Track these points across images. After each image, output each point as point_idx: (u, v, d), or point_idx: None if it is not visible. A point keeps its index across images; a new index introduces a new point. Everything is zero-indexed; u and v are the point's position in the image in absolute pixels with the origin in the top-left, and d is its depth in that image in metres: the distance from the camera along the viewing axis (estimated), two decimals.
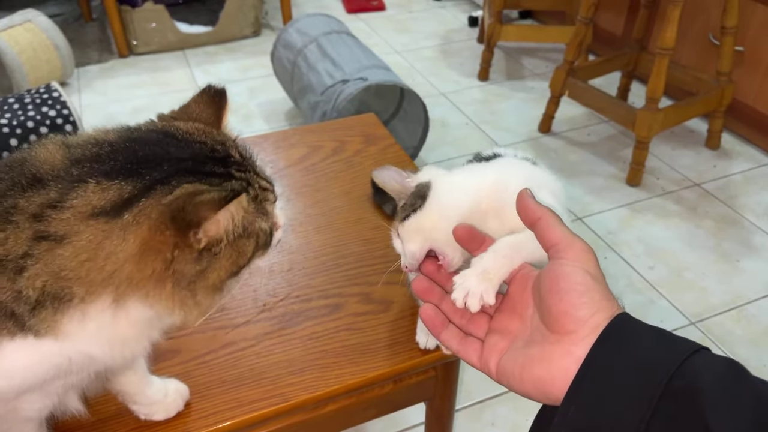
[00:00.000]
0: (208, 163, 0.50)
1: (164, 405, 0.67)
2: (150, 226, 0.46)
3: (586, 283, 0.44)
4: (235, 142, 0.56)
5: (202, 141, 0.52)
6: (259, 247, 0.53)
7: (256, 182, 0.53)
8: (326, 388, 0.71)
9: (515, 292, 0.51)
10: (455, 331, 0.53)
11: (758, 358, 1.53)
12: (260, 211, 0.53)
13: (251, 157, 0.56)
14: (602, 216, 1.98)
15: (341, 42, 2.22)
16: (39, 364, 0.50)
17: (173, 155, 0.49)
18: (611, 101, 2.16)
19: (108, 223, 0.46)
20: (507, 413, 1.40)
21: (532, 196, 0.49)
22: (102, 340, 0.50)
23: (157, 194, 0.47)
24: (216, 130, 0.55)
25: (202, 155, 0.51)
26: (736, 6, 1.98)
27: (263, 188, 0.54)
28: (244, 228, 0.50)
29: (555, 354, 0.44)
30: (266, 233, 0.54)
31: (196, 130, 0.54)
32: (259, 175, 0.55)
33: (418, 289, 0.56)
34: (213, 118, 0.57)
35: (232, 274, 0.51)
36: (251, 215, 0.51)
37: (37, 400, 0.55)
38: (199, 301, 0.50)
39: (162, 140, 0.51)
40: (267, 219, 0.54)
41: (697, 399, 0.38)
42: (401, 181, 0.63)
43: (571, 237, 0.47)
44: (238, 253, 0.51)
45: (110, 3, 2.75)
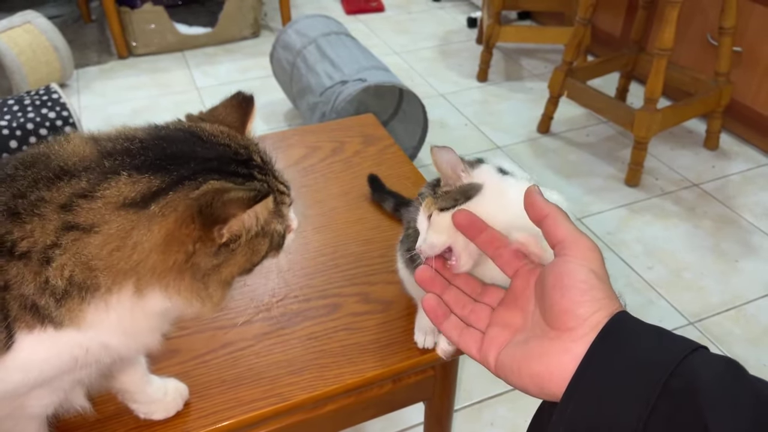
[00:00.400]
0: (232, 164, 0.52)
1: (164, 404, 0.67)
2: (176, 218, 0.47)
3: (590, 281, 0.44)
4: (257, 146, 0.58)
5: (226, 143, 0.54)
6: (272, 247, 0.55)
7: (275, 185, 0.55)
8: (325, 388, 0.71)
9: (518, 286, 0.51)
10: (456, 321, 0.53)
11: (757, 358, 1.53)
12: (277, 213, 0.55)
13: (271, 161, 0.58)
14: (601, 216, 1.98)
15: (340, 43, 2.22)
16: (57, 356, 0.50)
17: (199, 154, 0.51)
18: (610, 102, 2.17)
19: (137, 213, 0.47)
20: (506, 413, 1.40)
21: (540, 193, 0.50)
22: (120, 330, 0.51)
23: (185, 189, 0.48)
24: (240, 134, 0.57)
25: (227, 156, 0.53)
26: (734, 6, 1.98)
27: (281, 191, 0.56)
28: (263, 228, 0.52)
29: (554, 350, 0.44)
30: (280, 235, 0.56)
31: (220, 132, 0.56)
32: (277, 178, 0.57)
33: (422, 278, 0.56)
34: (238, 122, 0.58)
35: (245, 271, 0.54)
36: (270, 216, 0.53)
37: (45, 396, 0.55)
38: (211, 293, 0.51)
39: (188, 139, 0.53)
40: (282, 221, 0.56)
41: (695, 398, 0.38)
42: (456, 170, 0.62)
43: (577, 234, 0.47)
44: (252, 252, 0.53)
45: (109, 4, 2.75)
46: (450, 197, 0.60)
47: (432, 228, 0.59)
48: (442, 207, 0.60)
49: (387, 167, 1.03)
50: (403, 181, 1.00)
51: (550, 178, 2.14)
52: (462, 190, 0.61)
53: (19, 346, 0.48)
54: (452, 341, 0.52)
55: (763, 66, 2.15)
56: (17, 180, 0.49)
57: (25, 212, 0.47)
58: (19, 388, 0.51)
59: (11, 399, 0.53)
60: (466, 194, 0.60)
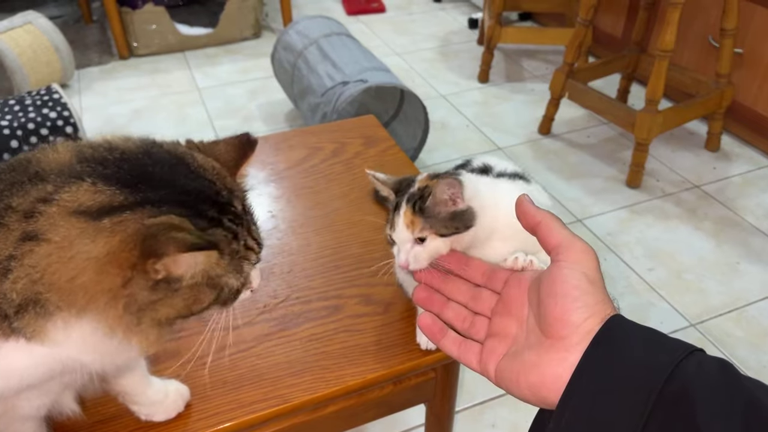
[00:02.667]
0: (206, 203, 0.50)
1: (164, 406, 0.67)
2: (122, 239, 0.45)
3: (582, 287, 0.44)
4: (243, 194, 0.55)
5: (211, 180, 0.52)
6: (219, 300, 0.51)
7: (243, 238, 0.52)
8: (326, 390, 0.71)
9: (509, 293, 0.52)
10: (455, 337, 0.53)
11: (758, 360, 1.53)
12: (234, 268, 0.51)
13: (251, 214, 0.55)
14: (602, 218, 1.98)
15: (341, 44, 2.22)
16: (34, 366, 0.49)
17: (178, 183, 0.49)
18: (611, 103, 2.16)
19: (86, 223, 0.45)
20: (507, 415, 1.40)
21: (530, 201, 0.50)
22: (89, 349, 0.49)
23: (144, 213, 0.46)
24: (230, 176, 0.55)
25: (205, 194, 0.50)
26: (735, 8, 1.98)
27: (248, 247, 0.53)
28: (209, 278, 0.49)
29: (549, 360, 0.44)
30: (232, 290, 0.52)
31: (211, 167, 0.53)
32: (251, 233, 0.54)
33: (419, 299, 0.57)
34: (233, 162, 0.56)
35: (183, 316, 0.50)
36: (221, 269, 0.50)
37: (34, 398, 0.55)
38: (144, 331, 0.48)
39: (174, 164, 0.51)
40: (239, 277, 0.52)
41: (689, 404, 0.38)
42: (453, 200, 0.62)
43: (571, 238, 0.47)
44: (194, 299, 0.49)
45: (110, 5, 2.75)
46: (448, 225, 0.61)
47: (425, 249, 0.60)
48: (443, 234, 0.61)
49: (388, 168, 1.02)
50: None
51: (551, 179, 2.14)
52: (461, 219, 0.62)
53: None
54: (452, 356, 0.53)
55: (764, 67, 2.15)
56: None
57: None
58: (3, 393, 0.51)
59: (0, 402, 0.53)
60: (465, 223, 0.62)
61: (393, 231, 0.64)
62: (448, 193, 0.61)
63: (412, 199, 0.63)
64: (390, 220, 0.65)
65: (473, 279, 0.56)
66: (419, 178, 0.66)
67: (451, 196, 0.62)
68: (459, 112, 2.54)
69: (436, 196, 0.61)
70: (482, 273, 0.55)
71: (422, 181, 0.65)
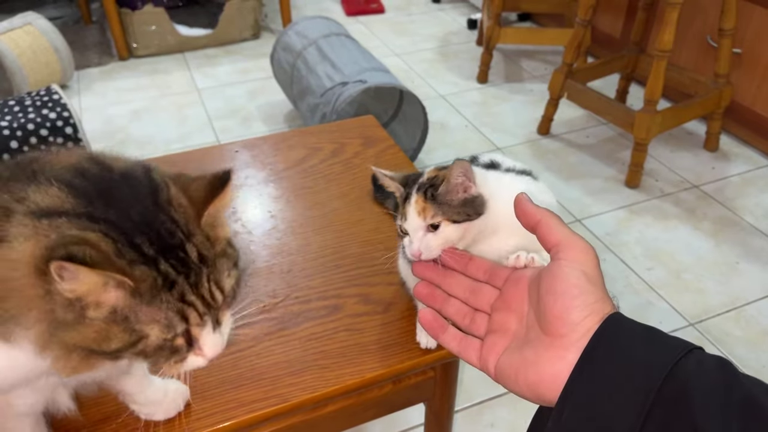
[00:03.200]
0: (150, 238, 0.46)
1: (164, 405, 0.67)
2: (46, 244, 0.43)
3: (581, 285, 0.44)
4: (205, 242, 0.49)
5: (173, 218, 0.48)
6: (136, 349, 0.46)
7: (181, 290, 0.46)
8: (325, 389, 0.71)
9: (509, 289, 0.52)
10: (455, 333, 0.53)
11: (757, 359, 1.54)
12: (158, 318, 0.46)
13: (211, 267, 0.49)
14: (601, 218, 1.98)
15: (340, 44, 2.22)
16: (12, 367, 0.49)
17: (134, 210, 0.46)
18: (610, 103, 2.17)
19: (30, 222, 0.44)
20: (506, 414, 1.40)
21: (529, 200, 0.50)
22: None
23: (80, 224, 0.44)
24: (196, 216, 0.50)
25: (155, 229, 0.46)
26: (733, 8, 1.99)
27: (187, 301, 0.47)
28: (119, 316, 0.45)
29: (547, 358, 0.44)
30: (154, 344, 0.47)
31: (178, 204, 0.49)
32: (197, 287, 0.48)
33: (420, 294, 0.57)
34: (201, 201, 0.50)
35: (93, 351, 0.45)
36: (134, 312, 0.45)
37: (28, 395, 0.55)
38: (56, 351, 0.45)
39: (143, 193, 0.48)
40: (165, 331, 0.46)
41: (688, 403, 0.38)
42: (466, 184, 0.63)
43: (570, 237, 0.47)
44: (103, 334, 0.45)
45: (110, 6, 2.76)
46: (461, 211, 0.61)
47: (438, 236, 0.60)
48: (455, 220, 0.60)
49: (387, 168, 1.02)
50: None
51: (550, 179, 2.14)
52: (472, 205, 0.62)
53: None
54: (453, 352, 0.53)
55: (762, 67, 2.15)
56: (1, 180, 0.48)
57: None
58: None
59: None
60: (477, 210, 0.62)
61: (404, 221, 0.63)
62: (462, 176, 0.61)
63: (423, 187, 0.63)
64: (400, 212, 0.64)
65: (475, 276, 0.56)
66: (427, 170, 0.66)
67: (464, 181, 0.62)
68: (458, 112, 2.54)
69: (450, 181, 0.61)
70: (484, 271, 0.55)
71: (431, 172, 0.65)
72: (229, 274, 0.51)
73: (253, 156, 1.10)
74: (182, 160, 1.08)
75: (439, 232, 0.61)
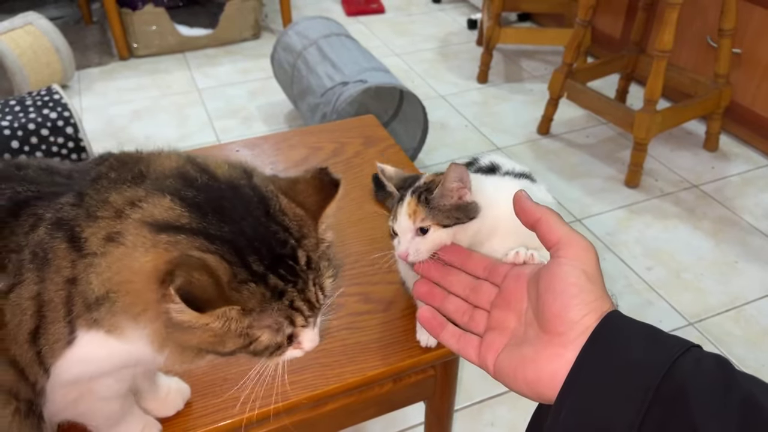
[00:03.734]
0: (260, 253, 0.48)
1: (165, 403, 0.68)
2: (165, 258, 0.46)
3: (580, 284, 0.44)
4: (315, 246, 0.52)
5: (286, 227, 0.50)
6: (250, 351, 0.50)
7: (291, 298, 0.49)
8: (326, 387, 0.72)
9: (509, 286, 0.52)
10: (454, 330, 0.53)
11: (756, 359, 1.54)
12: (269, 324, 0.49)
13: (317, 270, 0.51)
14: (601, 217, 1.99)
15: (341, 45, 2.23)
16: (109, 357, 0.51)
17: (246, 224, 0.48)
18: (610, 103, 2.17)
19: (150, 234, 0.46)
20: (506, 413, 1.40)
21: (529, 198, 0.50)
22: (151, 350, 0.50)
23: (196, 242, 0.46)
24: (313, 221, 0.52)
25: (267, 242, 0.48)
26: (733, 8, 1.99)
27: (295, 307, 0.50)
28: (230, 326, 0.47)
29: (546, 356, 0.44)
30: (265, 346, 0.50)
31: (293, 214, 0.51)
32: (304, 292, 0.50)
33: (420, 293, 0.57)
34: (315, 206, 0.53)
35: (209, 352, 0.49)
36: (246, 323, 0.48)
37: (112, 384, 0.57)
38: (172, 348, 0.49)
39: (253, 205, 0.50)
40: (275, 334, 0.50)
41: (686, 401, 0.38)
42: (461, 189, 0.63)
43: (570, 235, 0.47)
44: (217, 341, 0.48)
45: (111, 6, 2.76)
46: (451, 215, 0.61)
47: (426, 240, 0.60)
48: (445, 224, 0.61)
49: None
50: None
51: (550, 179, 2.14)
52: (464, 210, 0.62)
53: (80, 342, 0.49)
54: (452, 350, 0.53)
55: (762, 67, 2.16)
56: (107, 177, 0.50)
57: (97, 211, 0.48)
58: (79, 378, 0.53)
59: (75, 386, 0.55)
60: (468, 215, 0.62)
61: (395, 222, 0.64)
62: (457, 181, 0.61)
63: (418, 190, 0.63)
64: (393, 212, 0.65)
65: (474, 273, 0.56)
66: (425, 176, 0.67)
67: (459, 186, 0.62)
68: (458, 112, 2.54)
69: (444, 185, 0.61)
70: (483, 267, 0.55)
71: (429, 177, 0.66)
72: (330, 275, 0.53)
73: (254, 156, 1.10)
74: None
75: (428, 236, 0.61)
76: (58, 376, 0.52)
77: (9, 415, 0.50)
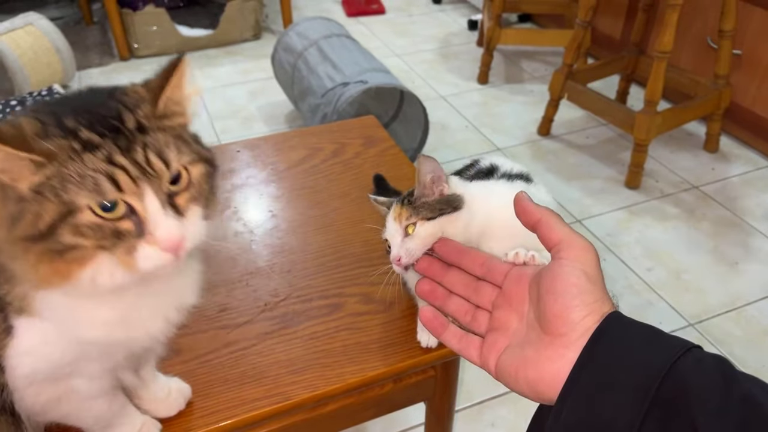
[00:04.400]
0: (80, 116, 0.45)
1: (166, 403, 0.68)
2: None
3: (581, 284, 0.45)
4: (155, 118, 0.48)
5: (121, 102, 0.47)
6: (73, 226, 0.43)
7: (116, 152, 0.44)
8: (327, 387, 0.72)
9: (510, 287, 0.52)
10: (456, 330, 0.53)
11: (756, 360, 1.54)
12: (91, 183, 0.43)
13: (152, 136, 0.46)
14: (601, 218, 1.99)
15: (341, 45, 2.23)
16: (45, 344, 0.50)
17: (83, 102, 0.48)
18: (610, 104, 2.17)
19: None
20: (507, 414, 1.40)
21: (529, 199, 0.50)
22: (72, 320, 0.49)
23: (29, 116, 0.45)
24: (150, 98, 0.49)
25: (95, 112, 0.46)
26: (733, 9, 1.99)
27: (118, 164, 0.44)
28: (51, 188, 0.43)
29: (547, 356, 0.44)
30: (101, 226, 0.44)
31: (132, 93, 0.49)
32: (132, 151, 0.45)
33: (421, 292, 0.56)
34: (158, 86, 0.49)
35: (33, 237, 0.43)
36: (66, 180, 0.43)
37: (89, 381, 0.56)
38: (18, 258, 0.45)
39: (98, 94, 0.49)
40: (99, 196, 0.43)
41: (686, 402, 0.38)
42: (438, 180, 0.63)
43: (571, 236, 0.47)
44: (37, 215, 0.43)
45: (111, 6, 2.76)
46: (434, 207, 0.62)
47: (414, 237, 0.61)
48: (429, 217, 0.61)
49: (388, 169, 1.03)
50: (404, 183, 1.01)
51: (550, 180, 2.15)
52: (447, 201, 0.63)
53: (18, 332, 0.49)
54: (454, 350, 0.53)
55: (762, 68, 2.16)
56: None
57: None
58: (36, 372, 0.52)
59: (45, 384, 0.54)
60: (451, 204, 0.63)
61: (385, 230, 0.65)
62: (430, 172, 0.62)
63: (402, 198, 0.66)
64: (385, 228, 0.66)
65: (471, 270, 0.55)
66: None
67: (433, 176, 0.63)
68: (458, 113, 2.55)
69: (419, 179, 0.62)
70: (480, 263, 0.55)
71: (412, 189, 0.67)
72: (180, 151, 0.47)
73: (254, 156, 1.10)
74: None
75: (416, 233, 0.61)
76: (14, 370, 0.51)
77: None
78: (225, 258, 0.88)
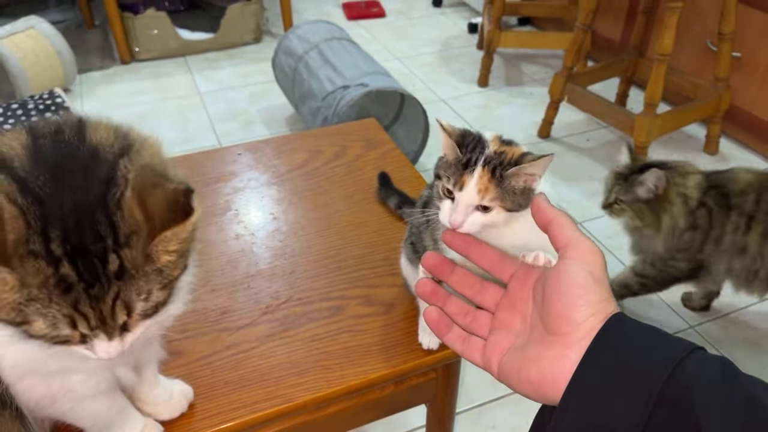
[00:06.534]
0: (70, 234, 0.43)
1: (169, 406, 0.68)
2: None
3: (587, 285, 0.45)
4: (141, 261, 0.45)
5: (111, 223, 0.44)
6: (23, 329, 0.44)
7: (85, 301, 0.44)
8: (328, 390, 0.72)
9: (515, 288, 0.52)
10: (459, 332, 0.53)
11: (757, 361, 1.54)
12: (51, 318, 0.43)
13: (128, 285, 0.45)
14: (602, 220, 1.99)
15: (342, 48, 2.23)
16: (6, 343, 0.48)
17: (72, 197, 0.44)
18: (610, 107, 2.18)
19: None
20: (507, 416, 1.40)
21: (546, 200, 0.50)
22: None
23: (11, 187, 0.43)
24: (146, 236, 0.44)
25: (81, 227, 0.43)
26: (733, 12, 2.00)
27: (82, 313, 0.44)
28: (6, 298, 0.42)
29: (551, 356, 0.44)
30: (44, 335, 0.44)
31: (129, 215, 0.44)
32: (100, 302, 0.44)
33: (423, 292, 0.56)
34: (158, 221, 0.44)
35: None
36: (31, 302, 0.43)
37: (85, 380, 0.56)
38: None
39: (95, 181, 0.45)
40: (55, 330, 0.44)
41: (690, 404, 0.39)
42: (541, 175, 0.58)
43: (579, 238, 0.47)
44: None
45: (112, 10, 2.77)
46: (516, 200, 0.57)
47: (485, 219, 0.56)
48: (509, 209, 0.57)
49: (388, 171, 1.03)
50: (405, 185, 1.01)
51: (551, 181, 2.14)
52: (526, 196, 0.58)
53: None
54: (456, 352, 0.53)
55: (762, 71, 2.16)
56: None
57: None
58: (17, 365, 0.52)
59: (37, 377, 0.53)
60: (527, 203, 0.57)
61: (458, 190, 0.57)
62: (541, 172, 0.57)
63: (491, 163, 0.57)
64: (455, 177, 0.57)
65: (478, 261, 0.55)
66: (489, 138, 0.62)
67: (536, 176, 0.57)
68: (459, 116, 2.55)
69: (526, 170, 0.56)
70: (488, 258, 0.54)
71: (495, 142, 0.61)
72: (148, 296, 0.46)
73: (255, 159, 1.11)
74: (184, 164, 1.09)
75: (489, 216, 0.56)
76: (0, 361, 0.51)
77: None
78: (226, 261, 0.88)
